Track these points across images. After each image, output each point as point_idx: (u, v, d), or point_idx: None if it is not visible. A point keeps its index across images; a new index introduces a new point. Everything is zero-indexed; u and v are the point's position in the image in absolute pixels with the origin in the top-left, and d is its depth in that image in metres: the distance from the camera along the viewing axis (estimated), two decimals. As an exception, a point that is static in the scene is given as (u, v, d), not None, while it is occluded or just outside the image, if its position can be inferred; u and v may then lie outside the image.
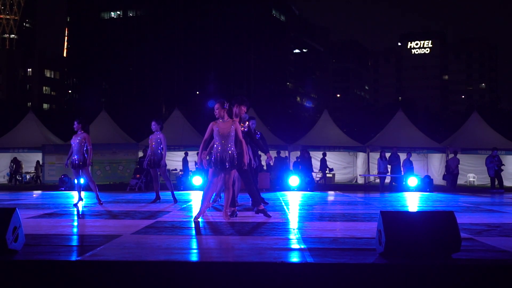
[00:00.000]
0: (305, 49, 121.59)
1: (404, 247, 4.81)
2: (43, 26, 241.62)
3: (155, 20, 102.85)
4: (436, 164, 26.62)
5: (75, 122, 11.66)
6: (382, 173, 22.31)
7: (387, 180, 23.25)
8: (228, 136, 8.14)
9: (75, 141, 11.61)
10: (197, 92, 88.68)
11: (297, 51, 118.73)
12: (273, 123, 47.58)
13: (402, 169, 22.25)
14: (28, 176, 27.37)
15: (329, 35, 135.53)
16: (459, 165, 23.68)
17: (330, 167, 26.71)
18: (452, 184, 23.00)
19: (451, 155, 23.95)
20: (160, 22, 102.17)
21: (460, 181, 25.91)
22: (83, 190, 12.31)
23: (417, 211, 5.29)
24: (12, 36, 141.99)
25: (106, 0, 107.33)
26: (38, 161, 26.95)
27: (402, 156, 22.95)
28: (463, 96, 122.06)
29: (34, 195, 16.83)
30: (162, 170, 12.41)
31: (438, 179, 24.88)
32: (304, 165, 22.99)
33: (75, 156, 11.52)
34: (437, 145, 26.54)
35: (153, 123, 12.23)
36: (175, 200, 12.44)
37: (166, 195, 13.75)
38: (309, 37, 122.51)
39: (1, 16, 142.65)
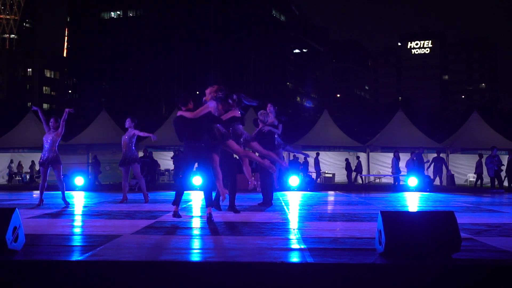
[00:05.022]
0: (305, 49, 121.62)
1: (404, 247, 4.81)
2: (43, 26, 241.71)
3: (155, 20, 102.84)
4: (436, 164, 26.59)
5: (52, 120, 11.45)
6: (396, 173, 22.22)
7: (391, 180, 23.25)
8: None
9: (48, 138, 11.45)
10: (197, 92, 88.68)
11: (297, 51, 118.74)
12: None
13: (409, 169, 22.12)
14: (28, 176, 27.40)
15: (329, 35, 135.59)
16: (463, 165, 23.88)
17: (330, 167, 26.75)
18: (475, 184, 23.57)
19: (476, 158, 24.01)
20: (160, 22, 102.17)
21: (460, 181, 25.94)
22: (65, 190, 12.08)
23: (417, 211, 5.29)
24: (12, 36, 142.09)
25: (106, 0, 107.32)
26: (33, 161, 26.96)
27: (406, 156, 22.87)
28: (463, 96, 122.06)
29: (34, 195, 16.82)
30: (136, 167, 12.48)
31: (437, 179, 24.87)
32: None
33: (46, 154, 11.40)
34: (437, 145, 26.54)
35: (128, 119, 12.28)
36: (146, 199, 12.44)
37: (161, 195, 13.73)
38: (309, 37, 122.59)
39: (1, 16, 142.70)
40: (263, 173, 10.63)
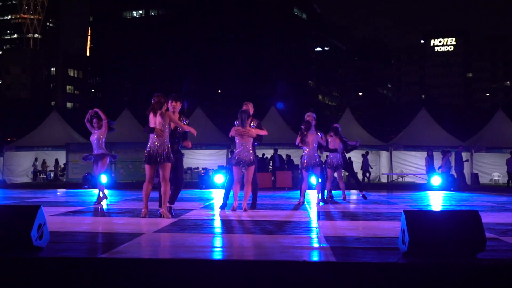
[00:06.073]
0: (326, 47, 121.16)
1: (427, 247, 4.76)
2: (67, 25, 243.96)
3: (177, 19, 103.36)
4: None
5: (95, 120, 11.75)
6: (429, 172, 21.95)
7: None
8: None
9: (93, 137, 11.83)
10: (219, 91, 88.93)
11: (318, 49, 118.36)
12: (294, 122, 47.52)
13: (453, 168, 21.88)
14: (52, 174, 27.71)
15: (351, 33, 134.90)
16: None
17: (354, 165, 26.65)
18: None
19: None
20: (182, 21, 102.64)
21: (485, 180, 25.61)
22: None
23: (441, 210, 5.24)
24: (36, 35, 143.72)
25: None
26: (57, 159, 27.24)
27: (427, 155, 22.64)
28: (487, 94, 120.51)
29: (58, 193, 17.02)
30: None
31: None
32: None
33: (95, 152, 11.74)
34: (462, 143, 26.24)
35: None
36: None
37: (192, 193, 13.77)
38: (331, 35, 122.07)
39: (25, 16, 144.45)
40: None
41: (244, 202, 9.60)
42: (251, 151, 9.59)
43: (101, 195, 11.70)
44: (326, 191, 12.67)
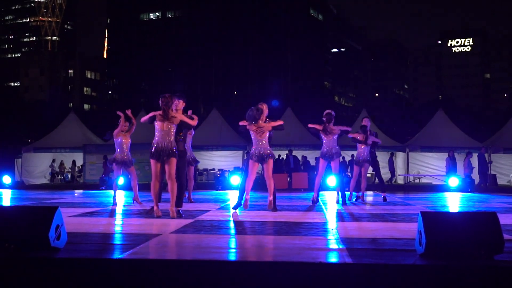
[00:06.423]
0: (343, 48, 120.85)
1: (445, 248, 4.73)
2: (84, 28, 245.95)
3: (193, 20, 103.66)
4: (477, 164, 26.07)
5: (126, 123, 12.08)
6: (449, 173, 21.81)
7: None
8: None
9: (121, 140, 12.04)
10: (235, 92, 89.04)
11: (335, 50, 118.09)
12: (310, 123, 47.37)
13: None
14: (69, 176, 27.91)
15: (368, 34, 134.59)
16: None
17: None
18: None
19: None
20: (198, 23, 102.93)
21: (503, 181, 25.38)
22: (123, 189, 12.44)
23: (458, 212, 5.20)
24: (54, 38, 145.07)
25: (145, 1, 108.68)
26: (74, 161, 27.43)
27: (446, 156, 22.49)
28: (505, 95, 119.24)
29: (75, 194, 17.15)
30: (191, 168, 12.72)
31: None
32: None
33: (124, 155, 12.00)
34: (479, 144, 26.01)
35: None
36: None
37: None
38: (347, 36, 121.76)
39: (43, 18, 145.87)
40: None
41: (270, 198, 9.48)
42: (267, 146, 9.55)
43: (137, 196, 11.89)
44: (347, 193, 12.62)
